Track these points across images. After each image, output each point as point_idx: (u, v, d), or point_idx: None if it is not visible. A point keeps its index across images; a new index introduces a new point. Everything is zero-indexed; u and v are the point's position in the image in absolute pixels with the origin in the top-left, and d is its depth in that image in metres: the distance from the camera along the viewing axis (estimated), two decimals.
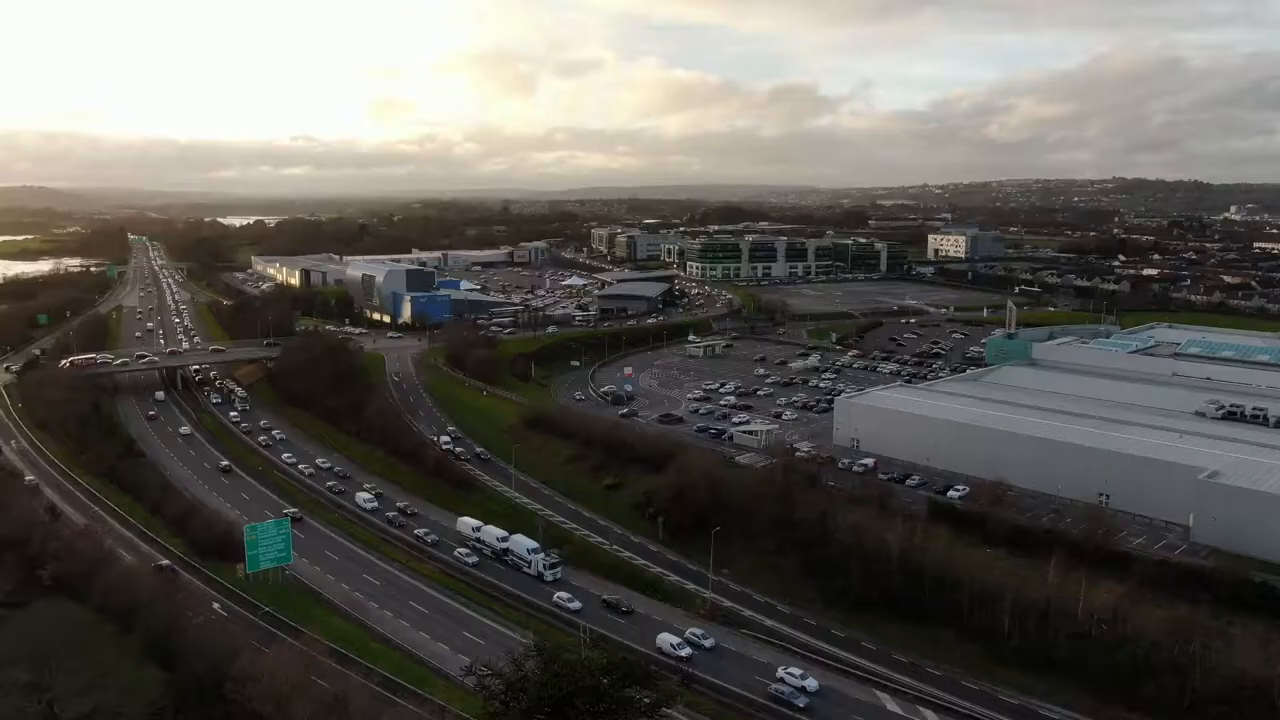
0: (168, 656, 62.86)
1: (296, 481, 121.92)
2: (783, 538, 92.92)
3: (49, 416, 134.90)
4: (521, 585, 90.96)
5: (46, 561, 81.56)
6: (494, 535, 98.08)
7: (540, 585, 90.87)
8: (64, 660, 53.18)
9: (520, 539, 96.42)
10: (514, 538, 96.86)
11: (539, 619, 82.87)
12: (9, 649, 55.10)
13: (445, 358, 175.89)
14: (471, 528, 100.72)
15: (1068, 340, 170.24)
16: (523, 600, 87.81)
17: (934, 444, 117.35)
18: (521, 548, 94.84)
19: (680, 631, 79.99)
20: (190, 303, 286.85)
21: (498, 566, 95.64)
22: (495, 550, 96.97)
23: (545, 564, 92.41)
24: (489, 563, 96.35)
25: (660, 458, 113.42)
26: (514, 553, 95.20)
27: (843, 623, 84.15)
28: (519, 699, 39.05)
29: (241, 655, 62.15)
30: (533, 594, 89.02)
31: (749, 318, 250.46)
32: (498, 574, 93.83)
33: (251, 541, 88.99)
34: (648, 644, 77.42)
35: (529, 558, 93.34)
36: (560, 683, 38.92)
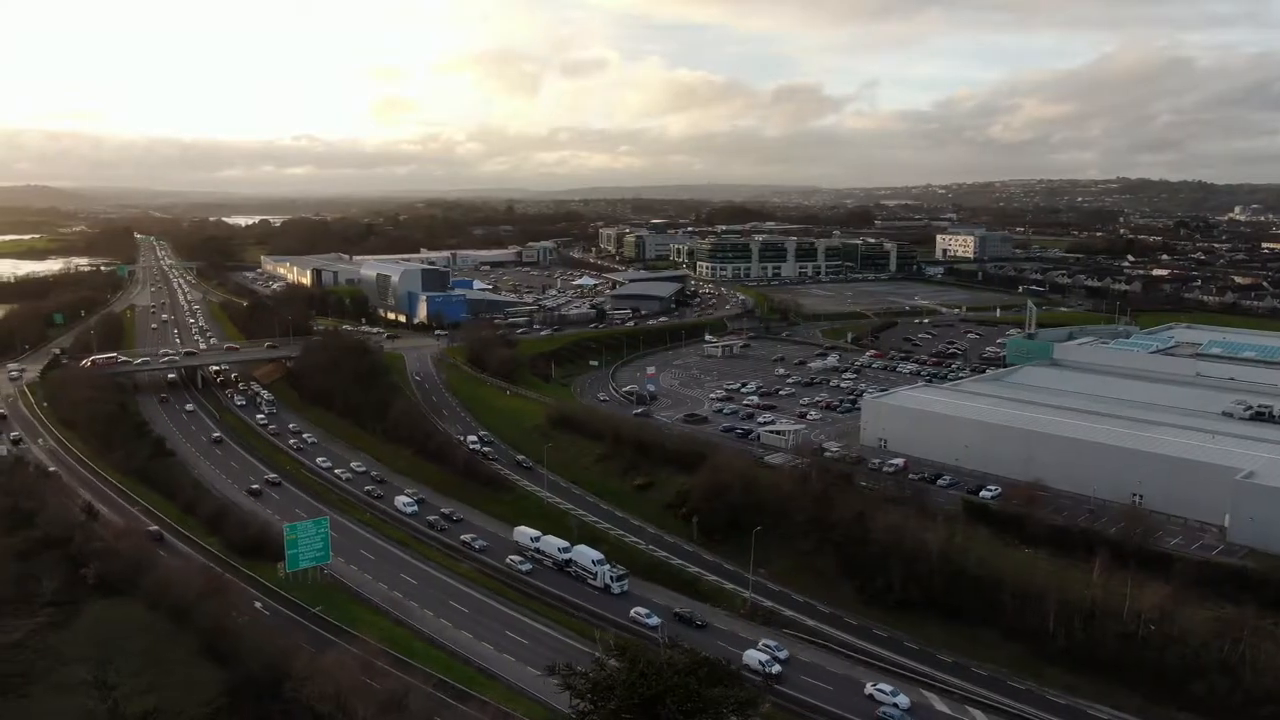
0: (221, 655, 63.00)
1: (331, 485, 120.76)
2: (820, 538, 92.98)
3: (75, 415, 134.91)
4: (586, 597, 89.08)
5: (90, 560, 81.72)
6: (555, 546, 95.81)
7: (609, 598, 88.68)
8: (127, 658, 53.15)
9: (584, 550, 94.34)
10: (577, 549, 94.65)
11: (613, 633, 78.26)
12: (73, 648, 55.03)
13: (466, 357, 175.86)
14: (530, 538, 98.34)
15: (1088, 340, 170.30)
16: (589, 611, 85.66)
17: (964, 444, 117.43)
18: (586, 559, 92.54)
19: (769, 648, 77.81)
20: (203, 302, 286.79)
21: (552, 573, 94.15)
22: (557, 561, 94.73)
23: (612, 576, 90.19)
24: (547, 572, 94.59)
25: (691, 458, 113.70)
26: (578, 564, 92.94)
27: (883, 622, 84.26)
28: (607, 698, 38.99)
29: (298, 655, 62.18)
30: (600, 606, 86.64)
31: (763, 318, 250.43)
32: (555, 582, 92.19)
33: (291, 540, 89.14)
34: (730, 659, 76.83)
35: (594, 569, 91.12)
36: (648, 682, 38.82)
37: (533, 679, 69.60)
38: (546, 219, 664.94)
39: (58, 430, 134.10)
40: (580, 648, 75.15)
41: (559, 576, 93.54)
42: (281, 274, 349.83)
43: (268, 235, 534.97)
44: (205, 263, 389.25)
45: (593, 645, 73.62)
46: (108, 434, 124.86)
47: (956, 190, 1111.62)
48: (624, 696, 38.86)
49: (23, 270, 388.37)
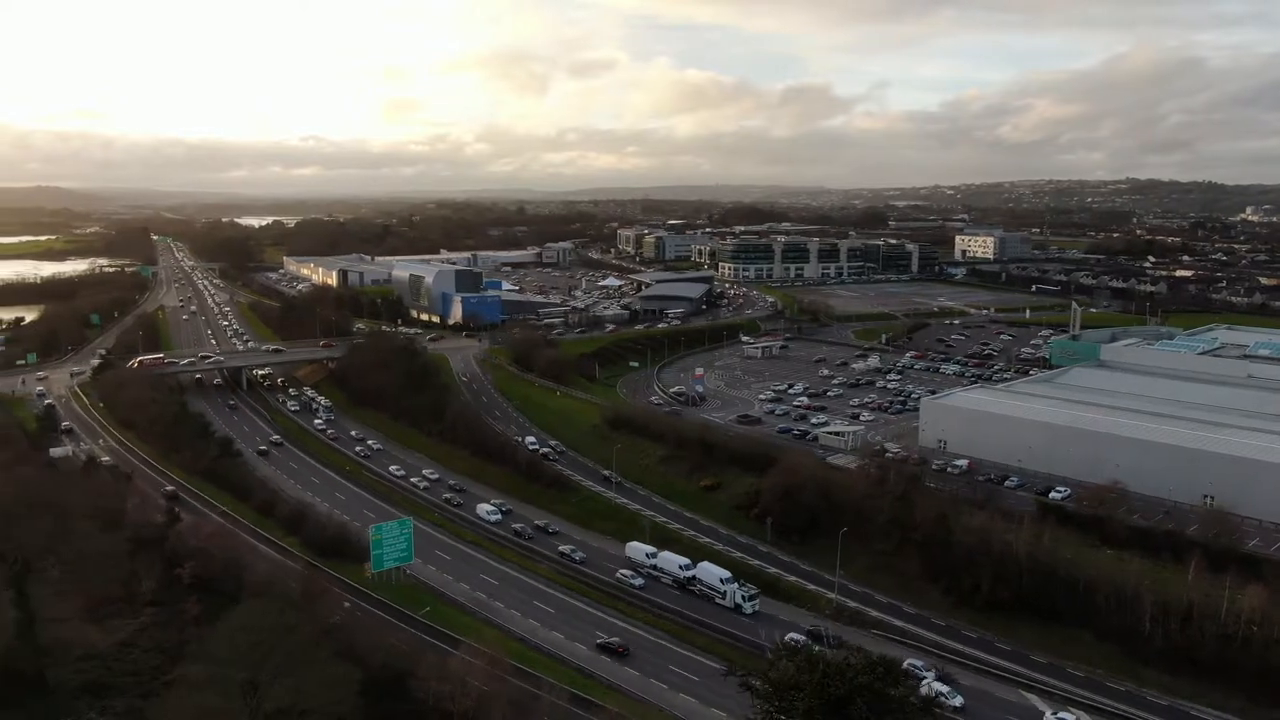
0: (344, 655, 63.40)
1: (408, 493, 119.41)
2: (902, 539, 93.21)
3: (134, 416, 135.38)
4: (712, 614, 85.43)
5: (185, 560, 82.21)
6: (675, 563, 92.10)
7: (739, 617, 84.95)
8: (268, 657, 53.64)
9: (709, 567, 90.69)
10: (701, 566, 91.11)
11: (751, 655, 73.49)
12: (223, 649, 55.57)
13: (510, 358, 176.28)
14: (645, 554, 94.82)
15: (1133, 342, 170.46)
16: (719, 630, 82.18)
17: (1027, 445, 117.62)
18: (713, 577, 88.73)
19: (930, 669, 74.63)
20: (231, 303, 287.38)
21: (670, 590, 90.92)
22: (678, 579, 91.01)
23: (744, 595, 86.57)
24: (663, 589, 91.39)
25: (756, 459, 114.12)
26: (703, 582, 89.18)
27: (972, 623, 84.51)
28: (795, 700, 39.38)
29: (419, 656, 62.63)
30: (732, 626, 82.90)
31: (793, 319, 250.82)
32: (676, 599, 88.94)
33: (377, 541, 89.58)
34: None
35: (723, 588, 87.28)
36: (835, 683, 39.32)
37: (659, 691, 69.55)
38: (559, 220, 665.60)
39: (118, 431, 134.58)
40: (709, 664, 75.32)
41: (679, 594, 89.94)
42: (305, 275, 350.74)
43: (283, 236, 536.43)
44: (227, 263, 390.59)
45: (717, 659, 73.94)
46: (171, 435, 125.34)
47: (965, 191, 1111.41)
48: (812, 697, 39.31)
49: (45, 271, 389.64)
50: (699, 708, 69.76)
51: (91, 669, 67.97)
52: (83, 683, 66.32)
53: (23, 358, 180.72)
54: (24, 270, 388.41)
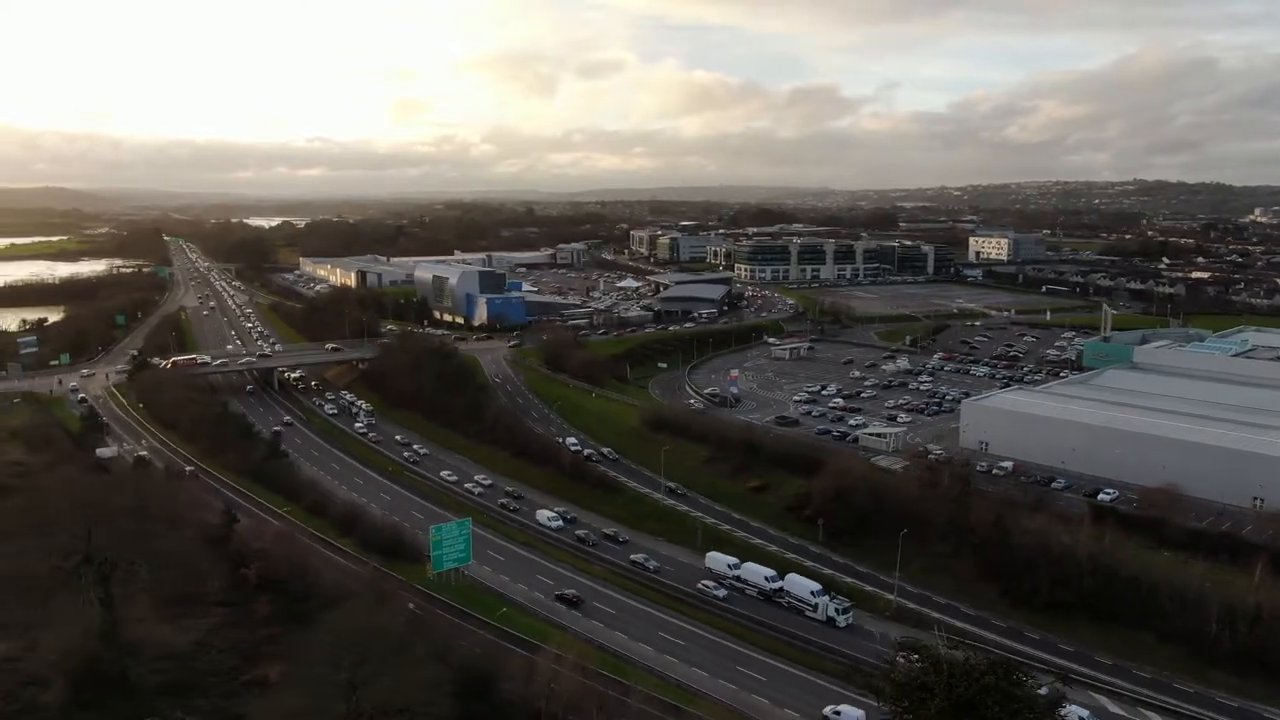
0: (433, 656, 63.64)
1: (460, 497, 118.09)
2: (958, 540, 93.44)
3: (175, 416, 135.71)
4: (802, 627, 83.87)
5: (251, 561, 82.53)
6: (760, 575, 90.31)
7: (832, 631, 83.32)
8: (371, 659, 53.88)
9: (798, 579, 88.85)
10: (790, 578, 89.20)
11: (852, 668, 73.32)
12: (317, 649, 55.84)
13: (541, 359, 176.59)
14: (727, 565, 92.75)
15: (1164, 344, 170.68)
16: (813, 644, 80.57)
17: (1071, 447, 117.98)
18: (803, 590, 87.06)
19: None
20: (252, 304, 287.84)
21: (756, 602, 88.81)
22: (764, 591, 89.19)
23: (837, 609, 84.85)
24: (748, 600, 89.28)
25: (803, 460, 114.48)
26: (792, 595, 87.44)
27: (1033, 625, 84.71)
28: (926, 702, 39.60)
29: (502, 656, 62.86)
30: (827, 639, 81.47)
31: (815, 320, 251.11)
32: (762, 611, 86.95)
33: (437, 542, 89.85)
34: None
35: (813, 600, 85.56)
36: (964, 683, 39.54)
37: (748, 702, 68.81)
38: (569, 220, 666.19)
39: (159, 431, 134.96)
40: (799, 674, 75.10)
41: (765, 606, 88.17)
42: (322, 275, 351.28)
43: (295, 237, 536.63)
44: (243, 264, 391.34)
45: (810, 672, 73.85)
46: (216, 435, 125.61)
47: (972, 192, 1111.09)
48: (944, 697, 39.54)
49: (60, 272, 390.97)
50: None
51: (171, 669, 68.17)
52: (164, 682, 66.51)
53: (55, 358, 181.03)
54: (39, 270, 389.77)
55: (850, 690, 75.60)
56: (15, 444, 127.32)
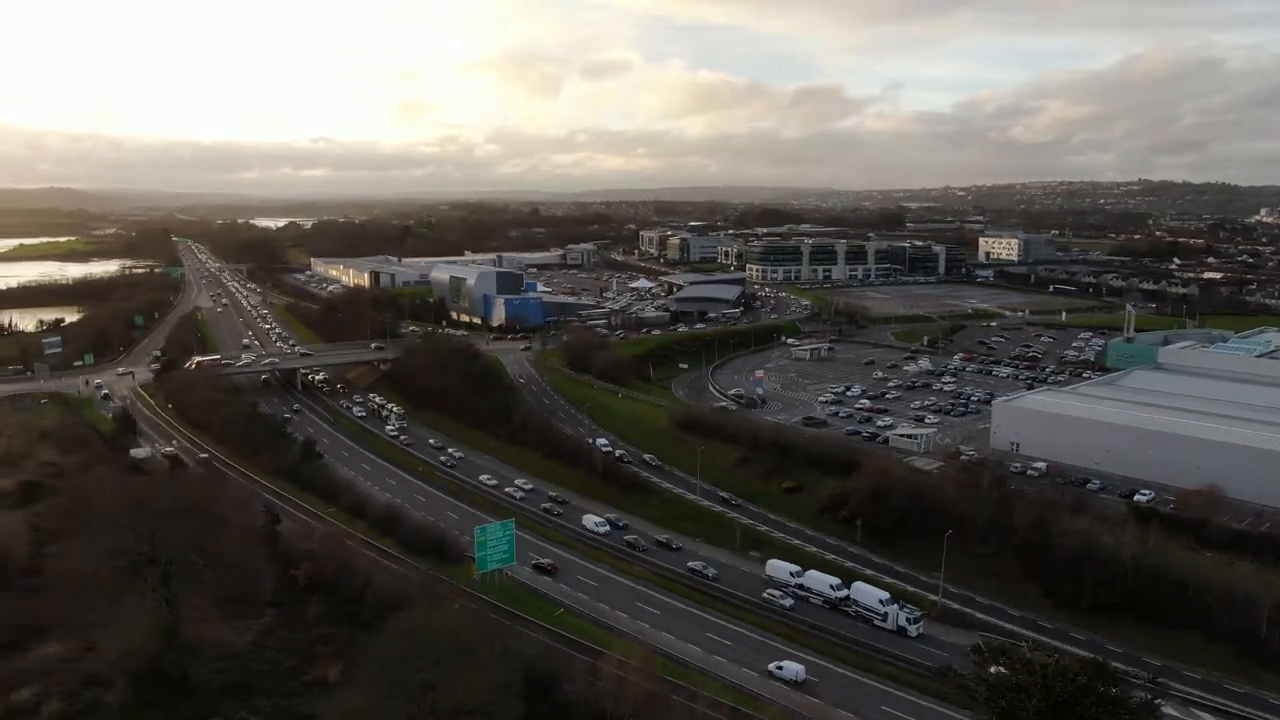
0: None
1: (501, 501, 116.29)
2: (1000, 541, 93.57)
3: (205, 417, 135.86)
4: (870, 635, 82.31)
5: (300, 561, 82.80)
6: (825, 583, 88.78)
7: (903, 640, 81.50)
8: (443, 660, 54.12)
9: (864, 588, 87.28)
10: (856, 586, 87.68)
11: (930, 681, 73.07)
12: (387, 650, 56.06)
13: (564, 360, 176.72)
14: (789, 572, 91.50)
15: (1188, 345, 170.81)
16: (883, 653, 78.77)
17: (1105, 448, 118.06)
18: (871, 598, 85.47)
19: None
20: (266, 305, 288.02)
21: (821, 611, 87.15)
22: (829, 599, 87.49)
23: (908, 618, 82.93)
24: (812, 608, 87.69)
25: (836, 461, 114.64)
26: (860, 604, 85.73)
27: (1078, 625, 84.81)
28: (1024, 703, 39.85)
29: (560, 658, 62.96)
30: (899, 649, 79.62)
31: (831, 320, 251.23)
32: (828, 620, 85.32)
33: (481, 543, 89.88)
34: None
35: (883, 609, 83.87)
36: (1057, 685, 39.83)
37: (829, 716, 67.71)
38: (575, 221, 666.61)
39: (189, 432, 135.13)
40: (860, 679, 73.96)
41: (831, 615, 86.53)
42: (334, 276, 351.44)
43: (302, 237, 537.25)
44: (254, 264, 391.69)
45: (887, 682, 72.62)
46: (249, 436, 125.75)
47: (976, 192, 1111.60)
48: (1040, 698, 39.78)
49: (71, 272, 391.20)
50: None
51: (230, 669, 68.57)
52: (224, 683, 66.90)
53: (79, 358, 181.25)
54: (49, 271, 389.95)
55: (794, 648, 79.08)
56: (47, 444, 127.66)
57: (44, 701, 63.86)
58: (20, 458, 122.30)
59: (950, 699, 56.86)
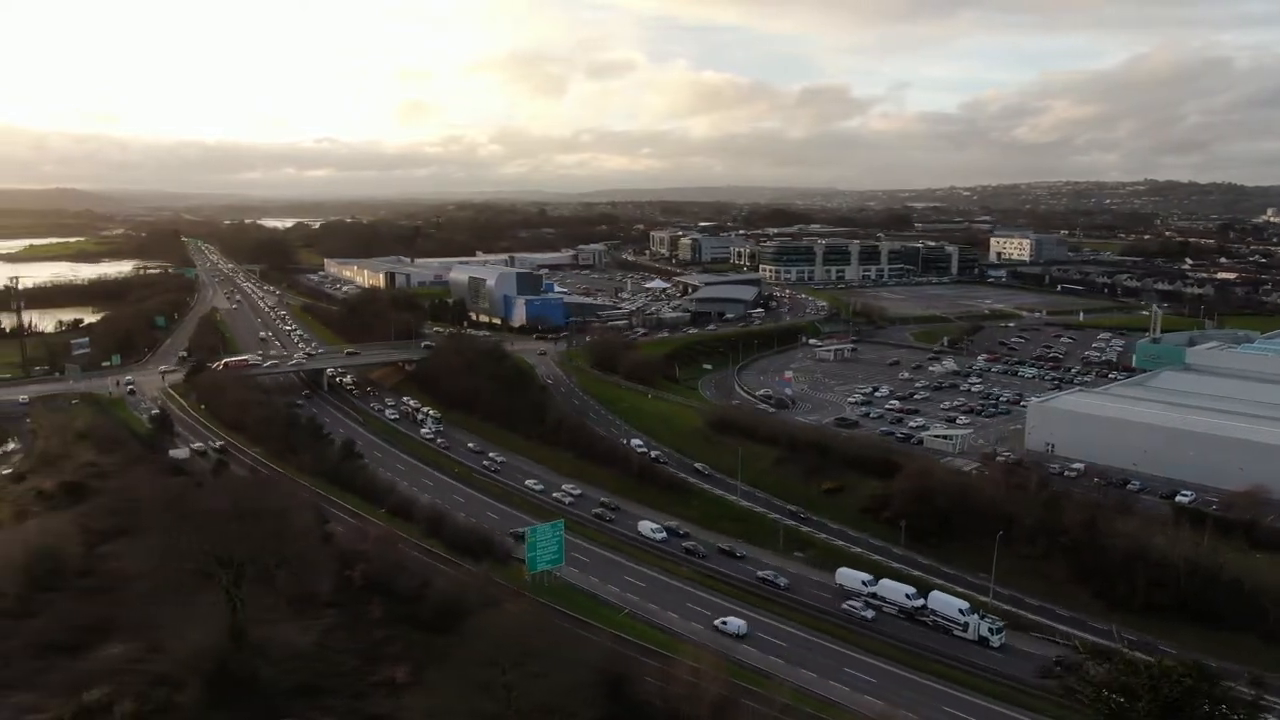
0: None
1: (550, 507, 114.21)
2: (1049, 542, 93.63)
3: (239, 417, 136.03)
4: (952, 646, 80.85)
5: (356, 563, 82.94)
6: (900, 592, 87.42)
7: (985, 651, 79.93)
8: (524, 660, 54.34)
9: (942, 597, 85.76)
10: (934, 595, 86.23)
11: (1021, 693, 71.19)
12: (484, 651, 56.23)
13: (589, 360, 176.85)
14: (860, 581, 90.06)
15: (1214, 345, 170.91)
16: (977, 667, 76.94)
17: (1142, 449, 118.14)
18: (950, 608, 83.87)
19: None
20: (283, 305, 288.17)
21: (897, 621, 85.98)
22: (904, 609, 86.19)
23: (990, 628, 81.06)
24: (888, 619, 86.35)
25: (876, 462, 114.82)
26: (939, 613, 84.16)
27: (1131, 626, 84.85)
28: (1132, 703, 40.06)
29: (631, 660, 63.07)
30: (987, 661, 77.95)
31: (849, 321, 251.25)
32: (905, 630, 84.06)
33: (532, 543, 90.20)
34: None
35: (963, 619, 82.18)
36: (1165, 686, 40.03)
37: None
38: (583, 221, 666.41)
39: (225, 433, 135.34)
40: (941, 688, 72.86)
41: (907, 625, 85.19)
42: (348, 277, 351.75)
43: (313, 238, 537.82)
44: (266, 265, 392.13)
45: (974, 694, 71.27)
46: (286, 437, 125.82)
47: (982, 193, 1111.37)
48: (1150, 699, 39.96)
49: (83, 273, 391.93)
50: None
51: (297, 669, 68.52)
52: (293, 684, 66.89)
53: (106, 359, 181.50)
54: (62, 271, 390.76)
55: (738, 604, 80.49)
56: (85, 445, 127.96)
57: (116, 701, 64.00)
58: (59, 458, 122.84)
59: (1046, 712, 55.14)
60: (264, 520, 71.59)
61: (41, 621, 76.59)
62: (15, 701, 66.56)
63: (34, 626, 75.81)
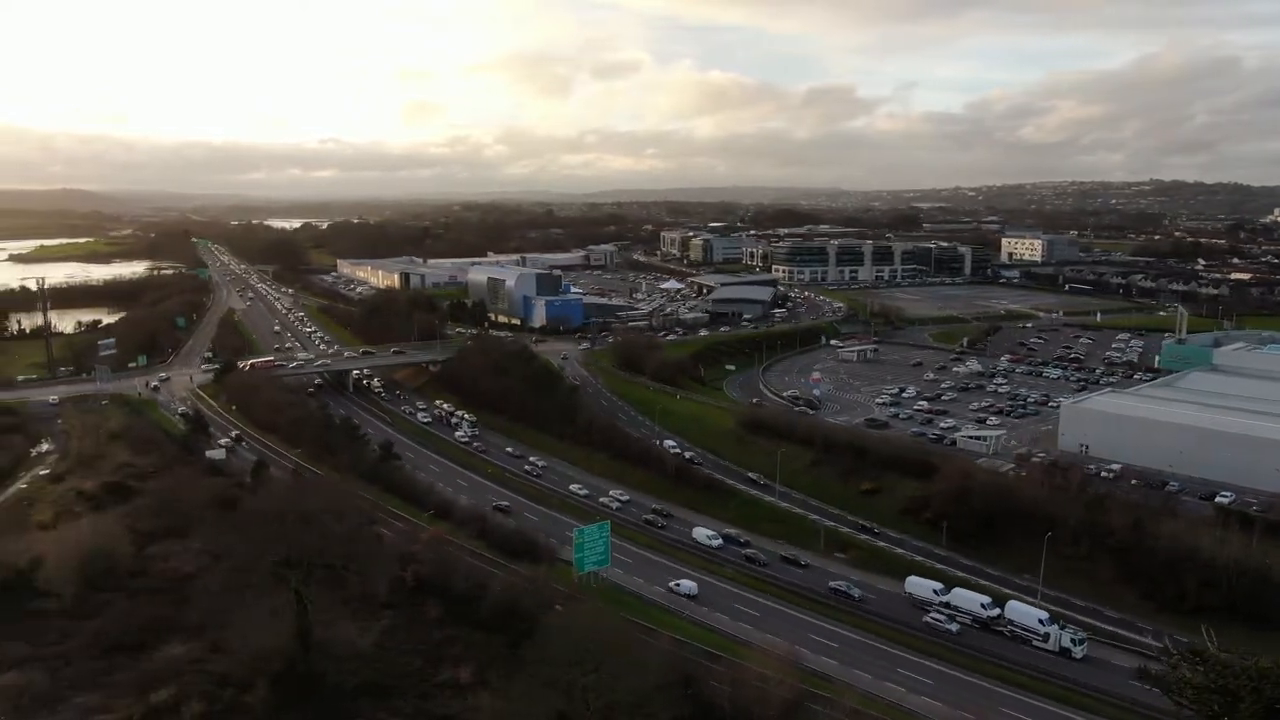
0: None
1: (596, 512, 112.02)
2: (1093, 543, 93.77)
3: (272, 418, 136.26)
4: (1030, 656, 79.28)
5: (410, 564, 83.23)
6: (974, 601, 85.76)
7: (1066, 662, 78.38)
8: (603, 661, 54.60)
9: (1020, 607, 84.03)
10: (1011, 605, 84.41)
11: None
12: (560, 651, 56.49)
13: (614, 361, 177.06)
14: (932, 590, 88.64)
15: (1240, 346, 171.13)
16: (1060, 678, 75.49)
17: (1178, 450, 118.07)
18: (1029, 618, 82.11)
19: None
20: (299, 307, 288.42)
21: (970, 631, 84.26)
22: (978, 618, 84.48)
23: (1073, 638, 79.66)
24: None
25: (913, 463, 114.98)
26: (1017, 623, 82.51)
27: (1182, 629, 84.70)
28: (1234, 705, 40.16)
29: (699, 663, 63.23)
30: (1071, 673, 76.29)
31: (867, 321, 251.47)
32: (978, 640, 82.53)
33: (579, 544, 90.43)
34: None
35: (1043, 630, 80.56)
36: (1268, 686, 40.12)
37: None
38: (590, 222, 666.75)
39: (258, 434, 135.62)
40: (1018, 697, 72.45)
41: (981, 635, 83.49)
42: (361, 277, 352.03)
43: (323, 238, 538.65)
44: (278, 266, 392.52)
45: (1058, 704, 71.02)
46: (322, 438, 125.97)
47: (987, 193, 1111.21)
48: (1252, 700, 40.07)
49: (96, 273, 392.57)
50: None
51: (360, 670, 68.85)
52: (358, 684, 67.20)
53: (133, 360, 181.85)
54: (74, 272, 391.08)
55: (687, 568, 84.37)
56: (118, 445, 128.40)
57: (183, 702, 64.32)
58: (95, 459, 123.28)
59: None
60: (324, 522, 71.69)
61: (100, 621, 77.09)
62: (81, 701, 66.99)
63: (93, 627, 76.33)
